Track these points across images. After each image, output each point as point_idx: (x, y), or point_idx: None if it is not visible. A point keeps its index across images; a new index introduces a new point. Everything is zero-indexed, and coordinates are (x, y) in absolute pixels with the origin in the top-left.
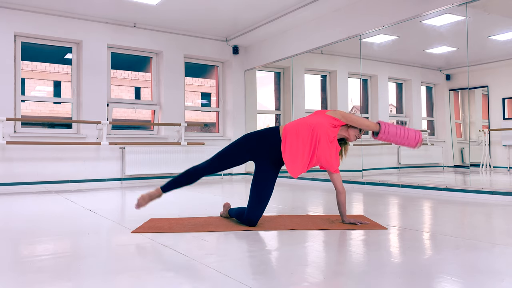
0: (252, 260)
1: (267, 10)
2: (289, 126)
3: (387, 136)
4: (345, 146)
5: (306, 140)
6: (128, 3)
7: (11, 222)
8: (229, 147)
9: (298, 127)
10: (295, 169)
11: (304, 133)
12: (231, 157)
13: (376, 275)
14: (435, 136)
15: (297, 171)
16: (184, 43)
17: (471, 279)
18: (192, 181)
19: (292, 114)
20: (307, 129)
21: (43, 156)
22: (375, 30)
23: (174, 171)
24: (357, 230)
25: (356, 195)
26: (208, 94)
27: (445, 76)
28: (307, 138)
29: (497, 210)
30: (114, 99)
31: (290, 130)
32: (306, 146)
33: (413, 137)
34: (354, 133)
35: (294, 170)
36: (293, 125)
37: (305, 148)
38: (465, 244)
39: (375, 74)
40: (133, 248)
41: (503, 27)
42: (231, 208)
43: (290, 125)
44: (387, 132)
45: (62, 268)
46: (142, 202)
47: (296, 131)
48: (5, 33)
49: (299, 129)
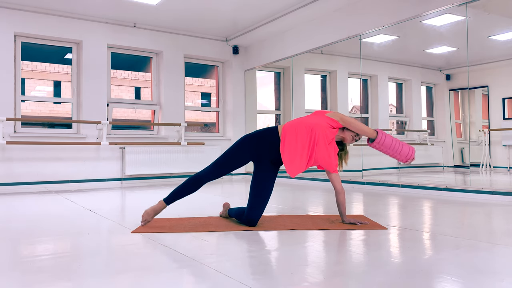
0: (252, 260)
1: (267, 10)
2: (288, 126)
3: (380, 146)
4: (345, 154)
5: (304, 140)
6: (128, 3)
7: (11, 222)
8: (229, 151)
9: (297, 127)
10: (293, 168)
11: (302, 133)
12: (233, 160)
13: (376, 275)
14: (435, 136)
15: (295, 171)
16: (184, 43)
17: (471, 279)
18: (195, 190)
19: (292, 114)
20: (306, 130)
21: (43, 156)
22: (375, 30)
23: (174, 171)
24: (357, 230)
25: (356, 195)
26: (208, 94)
27: (445, 76)
28: (305, 138)
29: (497, 210)
30: (114, 99)
31: (289, 130)
32: (304, 146)
33: (405, 154)
34: (351, 134)
35: (292, 170)
36: (292, 125)
37: (304, 148)
38: (465, 244)
39: (375, 74)
40: (133, 248)
41: (503, 27)
42: (231, 208)
43: (289, 125)
44: (382, 142)
45: (62, 268)
46: (148, 218)
47: (295, 131)
48: (5, 33)
49: (297, 129)
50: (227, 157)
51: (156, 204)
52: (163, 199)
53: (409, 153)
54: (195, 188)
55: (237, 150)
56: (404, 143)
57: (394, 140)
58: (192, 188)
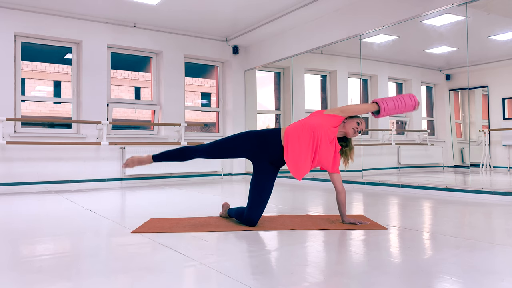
0: (252, 260)
1: (267, 10)
2: (289, 129)
3: (388, 112)
4: (350, 150)
5: (307, 142)
6: (128, 3)
7: (11, 222)
8: (230, 138)
9: (299, 130)
10: (299, 172)
11: (305, 135)
12: (229, 148)
13: (376, 275)
14: (435, 136)
15: (301, 174)
16: (184, 43)
17: (471, 279)
18: (183, 159)
19: (292, 114)
20: (308, 131)
21: (43, 156)
22: (375, 30)
23: (174, 171)
24: (357, 230)
25: (356, 195)
26: (208, 94)
27: (445, 76)
28: (308, 140)
29: (497, 210)
30: (114, 99)
31: (292, 133)
32: (308, 148)
33: (410, 103)
34: (352, 126)
35: (298, 173)
36: (293, 128)
37: (308, 150)
38: (465, 244)
39: (375, 74)
40: (133, 248)
41: (503, 27)
42: (230, 208)
43: (291, 129)
44: (387, 108)
45: (62, 268)
46: (131, 164)
47: (297, 134)
48: (5, 33)
49: (300, 131)
50: (226, 143)
51: (144, 156)
52: (152, 155)
53: (412, 101)
54: (183, 158)
55: (238, 140)
56: (402, 96)
57: (394, 99)
58: (181, 157)
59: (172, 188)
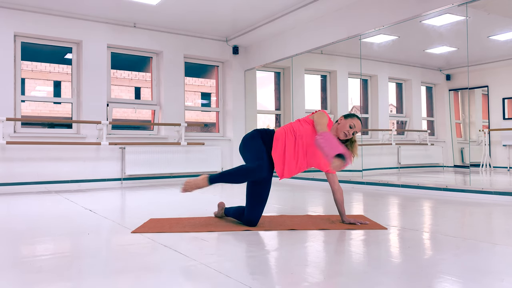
0: (252, 260)
1: (267, 10)
2: (279, 131)
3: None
4: (351, 144)
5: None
6: (128, 3)
7: (11, 222)
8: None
9: (285, 136)
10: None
11: (289, 142)
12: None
13: (376, 275)
14: (435, 136)
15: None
16: (184, 43)
17: (471, 279)
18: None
19: (292, 114)
20: (291, 138)
21: (43, 156)
22: (375, 30)
23: (174, 171)
24: (357, 230)
25: (356, 195)
26: (208, 94)
27: (445, 76)
28: (292, 146)
29: (497, 210)
30: (114, 99)
31: (279, 135)
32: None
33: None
34: (343, 130)
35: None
36: (281, 132)
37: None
38: (465, 244)
39: (375, 74)
40: (133, 248)
41: (503, 27)
42: (227, 207)
43: (279, 132)
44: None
45: (62, 268)
46: (190, 189)
47: (283, 139)
48: (5, 33)
49: (285, 137)
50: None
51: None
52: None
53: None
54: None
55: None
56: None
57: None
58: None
59: (172, 188)
